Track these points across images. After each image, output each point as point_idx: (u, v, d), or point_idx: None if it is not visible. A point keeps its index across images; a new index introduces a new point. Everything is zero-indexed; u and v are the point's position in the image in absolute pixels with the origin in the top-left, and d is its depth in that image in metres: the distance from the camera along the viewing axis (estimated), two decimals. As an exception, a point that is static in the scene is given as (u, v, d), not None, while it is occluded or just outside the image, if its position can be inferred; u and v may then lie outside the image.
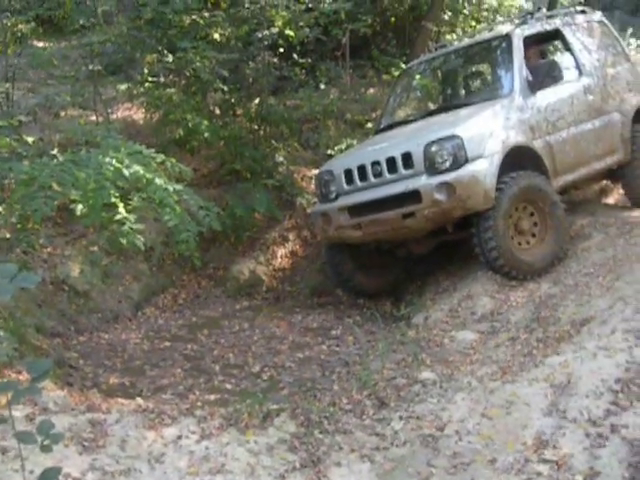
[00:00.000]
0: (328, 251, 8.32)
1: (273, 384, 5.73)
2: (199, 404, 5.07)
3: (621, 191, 9.46)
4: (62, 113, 9.91)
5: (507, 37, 8.45)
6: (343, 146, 10.30)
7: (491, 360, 5.77)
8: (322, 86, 12.26)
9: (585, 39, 9.20)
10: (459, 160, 7.13)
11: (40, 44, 11.58)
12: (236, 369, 6.14)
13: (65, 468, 3.80)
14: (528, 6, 15.62)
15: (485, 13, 14.62)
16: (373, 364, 5.94)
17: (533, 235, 7.49)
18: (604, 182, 9.81)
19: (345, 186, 7.76)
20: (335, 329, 7.29)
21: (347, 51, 12.23)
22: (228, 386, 5.71)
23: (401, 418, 4.90)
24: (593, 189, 9.92)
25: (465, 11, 14.30)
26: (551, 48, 11.02)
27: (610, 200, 9.70)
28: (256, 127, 10.17)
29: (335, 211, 7.77)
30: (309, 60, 11.79)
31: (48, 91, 10.15)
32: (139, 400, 5.06)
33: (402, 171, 7.34)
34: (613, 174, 9.23)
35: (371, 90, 12.73)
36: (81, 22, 10.00)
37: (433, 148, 7.20)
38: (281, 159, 9.97)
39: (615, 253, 7.26)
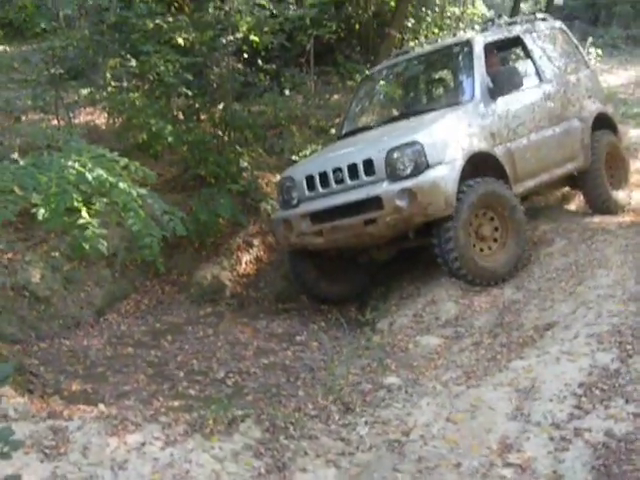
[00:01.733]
0: (291, 258, 8.27)
1: (238, 390, 5.70)
2: (163, 410, 5.01)
3: (582, 198, 9.54)
4: (23, 117, 9.78)
5: (468, 44, 8.52)
6: (308, 152, 10.31)
7: (455, 365, 5.80)
8: (287, 92, 12.26)
9: (545, 46, 9.28)
10: (420, 166, 7.14)
11: (0, 48, 11.43)
12: (200, 375, 6.09)
13: (26, 476, 3.74)
14: (490, 14, 15.77)
15: (448, 21, 14.76)
16: (338, 369, 5.93)
17: (494, 241, 7.52)
18: (566, 189, 9.89)
19: (307, 192, 7.74)
20: (300, 335, 7.26)
21: (312, 57, 12.26)
22: (192, 392, 5.66)
23: (367, 423, 4.89)
24: (555, 196, 10.01)
25: (428, 18, 14.42)
26: (512, 55, 11.14)
27: (572, 206, 9.79)
28: (220, 132, 10.11)
29: (297, 218, 7.74)
30: (274, 66, 11.79)
31: (9, 95, 10.01)
32: (101, 407, 4.99)
33: (364, 177, 7.34)
34: (574, 180, 9.30)
35: (335, 96, 12.76)
36: (43, 26, 9.86)
37: (394, 155, 7.21)
38: (245, 164, 9.92)
39: (577, 258, 7.34)
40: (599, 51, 17.88)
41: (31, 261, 7.26)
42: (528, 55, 9.14)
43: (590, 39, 17.68)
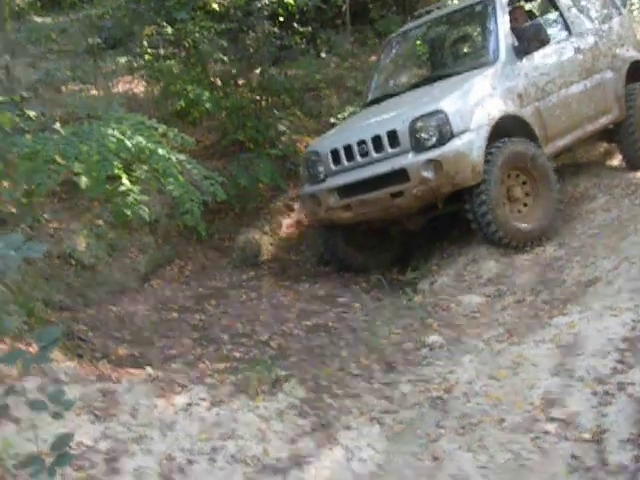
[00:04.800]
0: (321, 233, 8.20)
1: (282, 351, 5.76)
2: (208, 372, 5.10)
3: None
4: (63, 88, 9.88)
5: (490, 1, 8.22)
6: (346, 114, 10.27)
7: (497, 323, 5.81)
8: (323, 55, 12.21)
9: None
10: (445, 135, 6.99)
11: (38, 19, 11.52)
12: (244, 338, 6.16)
13: (77, 436, 3.84)
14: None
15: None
16: (380, 329, 5.98)
17: (527, 201, 7.40)
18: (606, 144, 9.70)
19: (332, 166, 7.62)
20: (342, 296, 7.29)
21: (348, 18, 12.18)
22: (237, 354, 5.73)
23: (409, 381, 4.95)
24: (597, 151, 9.86)
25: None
26: (539, 7, 10.83)
27: (614, 162, 9.63)
28: (258, 97, 10.12)
29: (324, 193, 7.65)
30: (309, 29, 11.70)
31: (48, 66, 10.11)
32: (149, 370, 5.09)
33: (388, 149, 7.21)
34: (610, 134, 9.09)
35: (372, 57, 12.65)
36: (79, -5, 9.96)
37: (418, 125, 7.07)
38: (284, 129, 9.93)
39: (620, 214, 7.27)
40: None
41: (76, 229, 7.37)
42: (555, 7, 8.87)
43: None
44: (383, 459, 4.11)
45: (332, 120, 10.31)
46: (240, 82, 10.35)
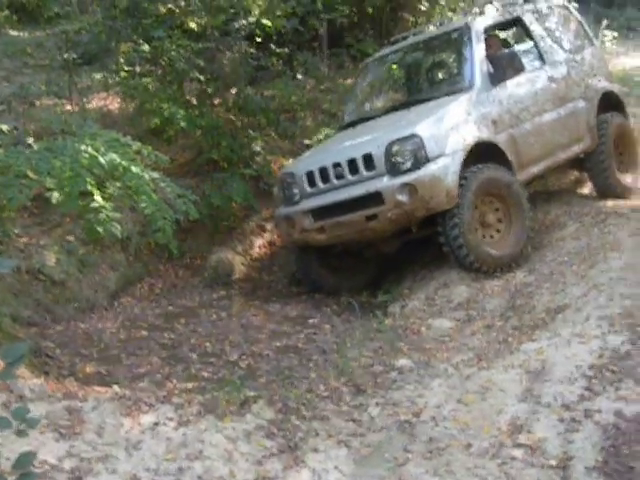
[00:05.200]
0: (295, 254, 8.19)
1: (251, 372, 5.74)
2: (176, 392, 5.06)
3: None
4: (37, 102, 9.82)
5: (466, 28, 8.28)
6: (321, 136, 10.31)
7: (467, 347, 5.83)
8: (299, 76, 12.24)
9: (547, 25, 9.06)
10: (420, 160, 7.03)
11: (14, 33, 11.47)
12: (214, 357, 6.14)
13: (42, 455, 3.80)
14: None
15: (462, 3, 14.64)
16: (350, 352, 5.98)
17: (499, 227, 7.45)
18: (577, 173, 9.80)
19: (308, 188, 7.63)
20: (313, 318, 7.29)
21: (324, 41, 12.24)
22: (206, 374, 5.71)
23: (378, 404, 4.94)
24: (568, 179, 9.97)
25: (442, 1, 14.31)
26: (514, 36, 10.90)
27: (585, 190, 9.75)
28: (233, 117, 10.13)
29: (298, 214, 7.64)
30: (286, 50, 11.74)
31: (23, 80, 10.06)
32: (116, 388, 5.05)
33: (364, 172, 7.23)
34: (580, 163, 9.15)
35: (348, 80, 12.72)
36: (56, 10, 9.92)
37: (393, 149, 7.10)
38: (258, 149, 9.95)
39: (589, 242, 7.34)
40: (614, 33, 17.73)
41: (46, 245, 7.33)
42: (529, 36, 8.95)
43: (605, 21, 17.53)
44: (350, 482, 4.10)
45: (307, 142, 10.34)
46: (216, 101, 10.36)
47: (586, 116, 8.88)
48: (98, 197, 5.50)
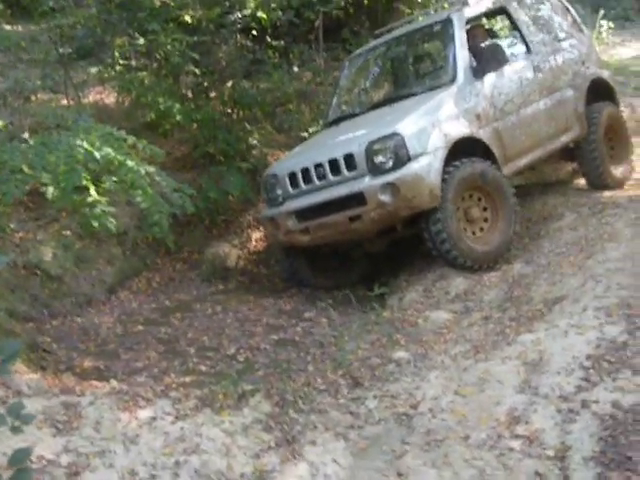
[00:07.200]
0: (283, 255, 8.13)
1: (248, 365, 5.73)
2: (174, 386, 5.06)
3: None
4: (32, 97, 9.78)
5: (448, 21, 8.15)
6: (317, 128, 10.28)
7: (464, 339, 5.83)
8: (295, 69, 12.21)
9: (533, 13, 8.93)
10: (401, 159, 6.93)
11: (8, 27, 11.42)
12: (211, 351, 6.14)
13: (39, 450, 3.80)
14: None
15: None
16: (348, 345, 5.98)
17: (485, 222, 7.38)
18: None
19: (290, 189, 7.53)
20: (309, 311, 7.29)
21: (320, 34, 12.20)
22: (203, 368, 5.71)
23: (375, 397, 4.94)
24: (566, 170, 9.94)
25: (437, -7, 14.28)
26: (499, 26, 10.77)
27: (582, 181, 9.72)
28: (229, 110, 10.11)
29: (282, 216, 7.56)
30: (282, 43, 11.71)
31: (18, 75, 10.01)
32: (113, 382, 5.05)
33: (345, 173, 7.14)
34: (572, 152, 9.04)
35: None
36: (50, 4, 9.86)
37: (374, 148, 7.01)
38: (255, 142, 9.92)
39: (587, 232, 7.33)
40: (611, 24, 17.71)
41: (42, 240, 7.31)
42: (515, 26, 8.78)
43: (602, 11, 17.52)
44: (348, 475, 4.11)
45: (303, 134, 10.31)
46: (212, 95, 10.33)
47: (574, 104, 8.73)
48: (93, 192, 5.49)
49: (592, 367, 4.65)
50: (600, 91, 9.19)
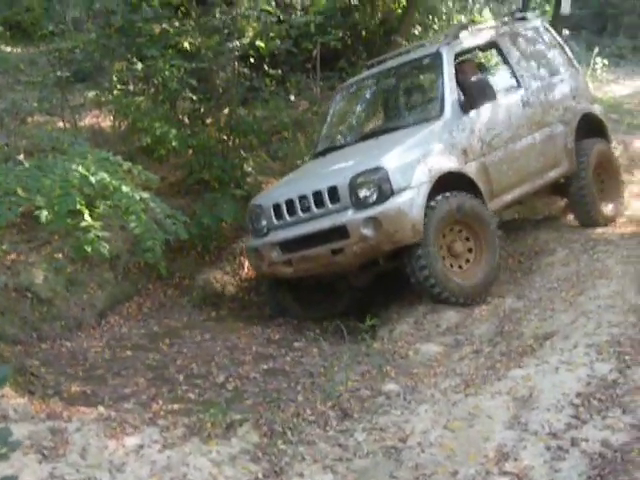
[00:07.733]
0: (268, 286, 8.10)
1: (237, 394, 5.70)
2: (162, 413, 5.03)
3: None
4: (29, 119, 9.82)
5: (437, 54, 8.13)
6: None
7: (455, 373, 5.81)
8: (292, 97, 12.28)
9: (524, 48, 8.91)
10: (385, 193, 6.91)
11: (7, 49, 11.48)
12: (200, 379, 6.10)
13: (24, 477, 3.77)
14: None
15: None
16: (337, 376, 5.95)
17: (468, 258, 7.35)
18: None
19: (275, 221, 7.50)
20: (299, 341, 7.27)
21: (317, 63, 12.28)
22: (192, 396, 5.67)
23: (364, 429, 4.91)
24: (558, 205, 9.98)
25: (435, 26, 14.42)
26: (488, 60, 10.78)
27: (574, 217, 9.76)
28: (225, 137, 10.14)
29: (266, 247, 7.53)
30: (280, 71, 11.77)
31: (15, 96, 10.06)
32: (101, 409, 5.01)
33: (329, 205, 7.11)
34: (562, 188, 9.00)
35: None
36: (50, 28, 9.93)
37: (358, 181, 7.00)
38: (250, 169, 9.95)
39: (578, 269, 7.35)
40: (605, 61, 17.86)
41: (34, 262, 7.30)
42: (505, 60, 8.72)
43: (596, 49, 17.68)
44: (335, 508, 4.07)
45: (298, 162, 10.34)
46: (208, 121, 10.37)
47: (564, 140, 8.70)
48: (87, 216, 5.49)
49: (582, 405, 4.65)
50: (591, 127, 9.17)
